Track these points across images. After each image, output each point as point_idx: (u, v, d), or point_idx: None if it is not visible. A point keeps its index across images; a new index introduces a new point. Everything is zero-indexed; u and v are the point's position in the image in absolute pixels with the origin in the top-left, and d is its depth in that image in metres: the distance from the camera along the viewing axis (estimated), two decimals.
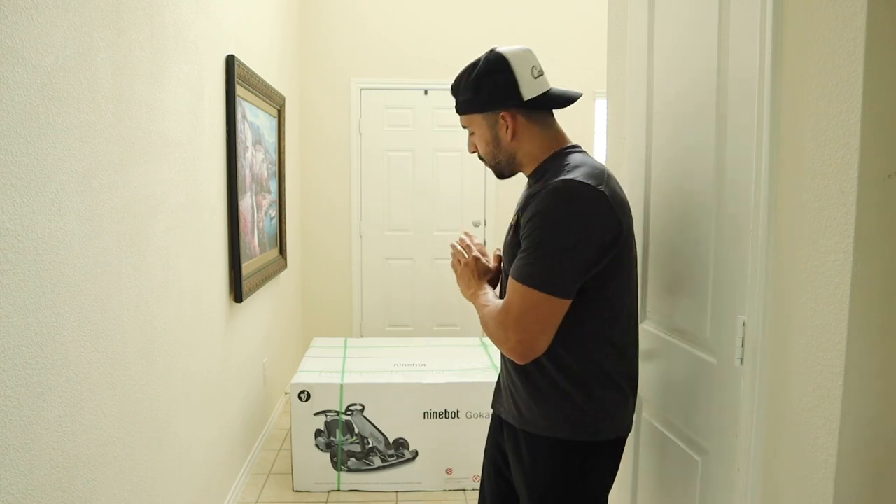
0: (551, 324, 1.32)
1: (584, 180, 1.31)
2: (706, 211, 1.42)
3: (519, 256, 1.35)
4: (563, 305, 1.31)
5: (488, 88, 1.43)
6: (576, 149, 1.47)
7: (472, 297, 1.55)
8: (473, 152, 1.53)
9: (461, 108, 1.49)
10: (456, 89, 1.50)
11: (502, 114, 1.43)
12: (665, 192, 1.63)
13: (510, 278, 1.36)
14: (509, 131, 1.44)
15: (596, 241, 1.30)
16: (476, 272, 1.58)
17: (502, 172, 1.52)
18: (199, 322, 2.40)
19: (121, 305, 1.73)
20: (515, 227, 1.42)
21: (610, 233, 1.32)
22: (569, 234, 1.29)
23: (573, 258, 1.29)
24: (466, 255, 1.61)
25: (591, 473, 1.42)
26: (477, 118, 1.47)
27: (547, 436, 1.41)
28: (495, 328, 1.39)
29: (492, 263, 1.62)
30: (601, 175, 1.35)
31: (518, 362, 1.37)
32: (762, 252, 1.20)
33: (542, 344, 1.33)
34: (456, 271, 1.62)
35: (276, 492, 3.04)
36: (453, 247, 1.64)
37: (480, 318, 1.48)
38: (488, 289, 1.54)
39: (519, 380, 1.46)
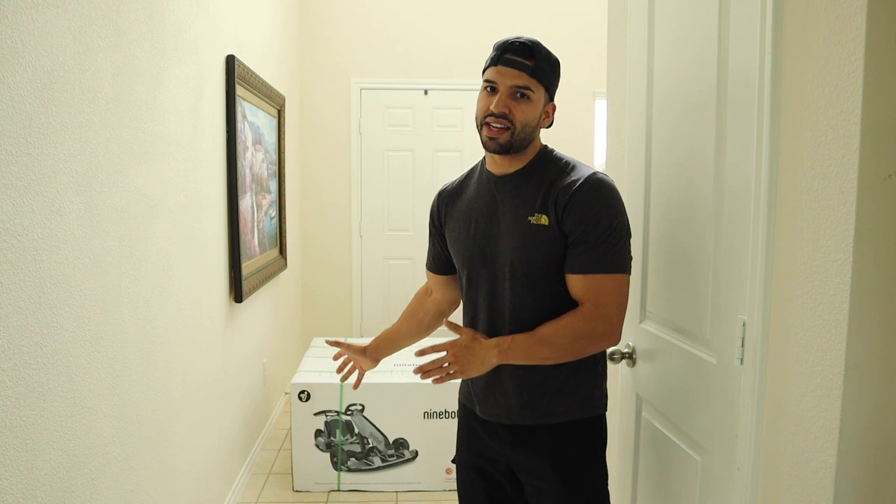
0: None
1: (605, 173, 1.47)
2: (706, 211, 1.42)
3: (589, 250, 1.40)
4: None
5: (558, 78, 1.50)
6: (551, 148, 1.55)
7: (507, 353, 1.43)
8: (503, 111, 1.42)
9: (539, 74, 1.43)
10: (536, 52, 1.43)
11: (552, 104, 1.51)
12: (665, 192, 1.63)
13: (587, 275, 1.40)
14: (546, 120, 1.51)
15: (629, 224, 1.48)
16: (470, 344, 1.46)
17: (511, 146, 1.44)
18: (199, 322, 2.40)
19: (121, 305, 1.73)
20: (549, 226, 1.42)
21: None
22: (623, 221, 1.44)
23: (629, 240, 1.46)
24: (444, 354, 1.47)
25: (605, 445, 1.55)
26: (541, 92, 1.46)
27: (572, 419, 1.50)
28: (593, 327, 1.40)
29: (462, 334, 1.50)
30: None
31: (615, 345, 1.48)
32: (762, 252, 1.20)
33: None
34: (460, 372, 1.46)
35: (276, 492, 3.04)
36: (420, 370, 1.48)
37: (546, 348, 1.40)
38: (505, 337, 1.45)
39: (542, 377, 1.47)
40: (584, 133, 4.74)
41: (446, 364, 1.46)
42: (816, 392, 1.07)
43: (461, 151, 4.75)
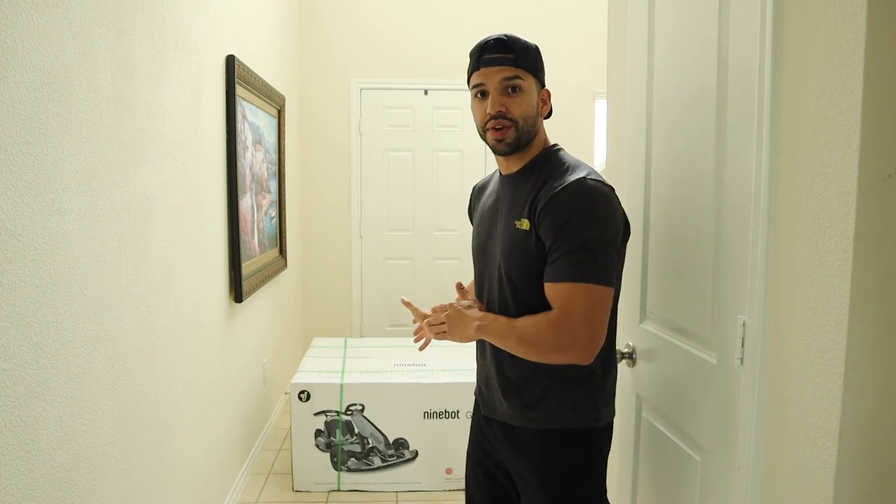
0: (608, 315, 1.38)
1: (598, 178, 1.39)
2: (706, 211, 1.42)
3: (561, 258, 1.34)
4: (612, 295, 1.38)
5: (542, 63, 1.47)
6: (557, 147, 1.51)
7: (484, 330, 1.45)
8: (499, 110, 1.40)
9: (523, 63, 1.40)
10: (514, 44, 1.40)
11: (546, 90, 1.48)
12: (665, 191, 1.64)
13: (556, 284, 1.35)
14: (545, 108, 1.47)
15: (619, 233, 1.40)
16: (463, 310, 1.49)
17: (519, 143, 1.43)
18: (199, 322, 2.40)
19: (121, 306, 1.73)
20: (529, 231, 1.39)
21: (622, 224, 1.42)
22: (606, 229, 1.35)
23: (613, 250, 1.37)
24: (441, 313, 1.52)
25: (598, 459, 1.49)
26: (531, 80, 1.43)
27: (558, 428, 1.45)
28: (555, 336, 1.34)
29: (464, 299, 1.54)
30: (598, 172, 1.44)
31: (586, 363, 1.36)
32: (762, 252, 1.20)
33: (604, 336, 1.38)
34: (446, 333, 1.52)
35: (276, 492, 3.04)
36: (426, 323, 1.54)
37: (514, 339, 1.40)
38: (491, 315, 1.47)
39: (529, 379, 1.46)
40: (584, 133, 4.74)
41: (441, 322, 1.50)
42: (816, 392, 1.07)
43: (461, 151, 4.75)
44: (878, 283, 1.00)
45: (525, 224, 1.40)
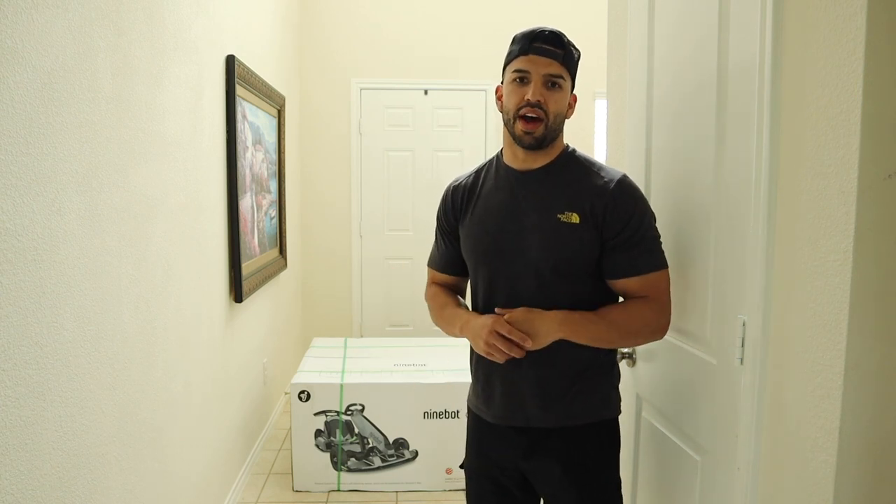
0: None
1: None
2: (706, 211, 1.42)
3: (635, 250, 1.40)
4: None
5: (577, 68, 1.49)
6: (573, 147, 1.54)
7: (570, 325, 1.38)
8: (538, 100, 1.39)
9: (567, 63, 1.42)
10: (564, 41, 1.42)
11: (574, 95, 1.49)
12: (665, 192, 1.64)
13: (642, 276, 1.41)
14: (570, 111, 1.48)
15: None
16: (534, 311, 1.40)
17: (545, 138, 1.42)
18: (199, 322, 2.40)
19: (121, 306, 1.73)
20: (579, 224, 1.40)
21: None
22: (654, 219, 1.47)
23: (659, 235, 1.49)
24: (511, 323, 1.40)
25: (618, 450, 1.53)
26: (568, 82, 1.45)
27: (592, 422, 1.48)
28: (657, 321, 1.43)
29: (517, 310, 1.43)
30: None
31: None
32: (762, 252, 1.20)
33: None
34: (529, 341, 1.38)
35: (276, 492, 3.04)
36: (505, 334, 1.39)
37: (615, 331, 1.40)
38: (563, 311, 1.40)
39: (566, 379, 1.44)
40: (584, 133, 4.73)
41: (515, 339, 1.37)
42: (816, 392, 1.07)
43: (461, 151, 4.75)
44: (878, 283, 1.00)
45: (574, 217, 1.41)
